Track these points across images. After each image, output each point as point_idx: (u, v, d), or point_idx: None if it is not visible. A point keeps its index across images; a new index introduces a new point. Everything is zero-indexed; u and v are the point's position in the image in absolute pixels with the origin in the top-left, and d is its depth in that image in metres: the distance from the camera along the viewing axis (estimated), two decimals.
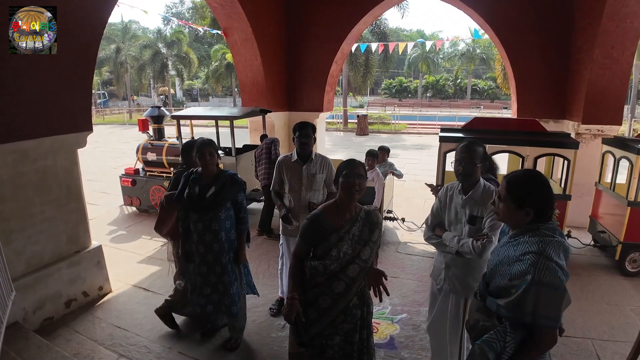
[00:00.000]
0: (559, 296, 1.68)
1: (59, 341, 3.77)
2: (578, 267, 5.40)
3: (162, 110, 7.87)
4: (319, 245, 2.34)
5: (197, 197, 3.35)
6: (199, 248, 3.43)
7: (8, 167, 3.74)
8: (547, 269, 1.67)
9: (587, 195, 6.32)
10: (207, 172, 3.40)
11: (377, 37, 24.97)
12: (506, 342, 1.76)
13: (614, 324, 4.13)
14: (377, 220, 2.45)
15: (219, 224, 3.40)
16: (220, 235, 3.39)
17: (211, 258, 3.42)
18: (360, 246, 2.33)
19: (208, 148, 3.34)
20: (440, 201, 2.95)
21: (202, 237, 3.39)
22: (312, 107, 8.98)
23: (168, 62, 37.74)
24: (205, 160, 3.34)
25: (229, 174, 3.46)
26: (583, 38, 6.52)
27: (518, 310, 1.72)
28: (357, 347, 2.41)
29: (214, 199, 3.34)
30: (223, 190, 3.37)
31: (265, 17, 8.03)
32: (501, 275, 1.85)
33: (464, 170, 2.71)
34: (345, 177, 2.30)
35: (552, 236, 1.78)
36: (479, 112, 32.60)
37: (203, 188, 3.37)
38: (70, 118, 4.20)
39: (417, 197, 8.81)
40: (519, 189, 1.88)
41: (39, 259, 4.08)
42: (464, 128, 6.01)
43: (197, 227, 3.40)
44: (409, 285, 4.90)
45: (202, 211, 3.37)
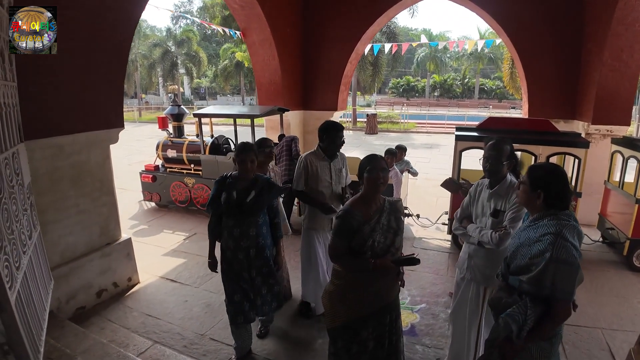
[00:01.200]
0: (573, 272, 1.90)
1: (93, 329, 3.92)
2: (588, 262, 5.54)
3: (182, 108, 8.08)
4: (354, 238, 2.47)
5: (235, 202, 3.21)
6: (237, 254, 3.28)
7: (45, 161, 3.90)
8: (564, 247, 1.90)
9: (596, 193, 6.45)
10: (245, 176, 3.28)
11: (386, 37, 25.07)
12: (527, 316, 1.97)
13: (622, 315, 4.30)
14: (401, 209, 2.65)
15: (257, 229, 3.30)
16: (258, 241, 3.30)
17: (247, 263, 3.31)
18: (391, 235, 2.51)
19: (250, 155, 3.22)
20: (470, 196, 3.13)
21: (238, 243, 3.25)
22: (326, 106, 9.15)
23: (177, 61, 38.01)
24: (245, 166, 3.22)
25: (265, 178, 3.38)
26: (593, 41, 6.65)
27: (538, 285, 1.94)
28: (389, 327, 2.60)
29: (255, 204, 3.23)
30: (262, 195, 3.26)
31: (283, 19, 8.21)
32: (522, 256, 2.06)
33: (490, 167, 2.88)
34: (369, 172, 2.46)
35: (567, 220, 2.01)
36: (488, 112, 32.60)
37: (240, 193, 3.23)
38: (103, 115, 4.37)
39: (429, 195, 8.99)
40: (534, 172, 2.16)
41: (73, 251, 4.25)
42: (478, 127, 6.17)
43: (234, 233, 3.25)
44: (426, 278, 5.08)
45: (241, 216, 3.24)
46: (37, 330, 2.53)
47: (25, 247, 2.59)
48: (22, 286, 2.33)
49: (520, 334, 1.98)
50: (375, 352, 2.58)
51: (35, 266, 2.82)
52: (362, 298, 2.52)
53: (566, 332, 3.92)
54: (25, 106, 3.22)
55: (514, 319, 1.98)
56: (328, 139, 3.83)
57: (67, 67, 3.91)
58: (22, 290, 2.32)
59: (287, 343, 3.84)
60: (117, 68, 4.45)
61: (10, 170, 2.52)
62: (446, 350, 3.55)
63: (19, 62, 2.95)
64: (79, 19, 3.87)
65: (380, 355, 2.59)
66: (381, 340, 2.59)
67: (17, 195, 2.60)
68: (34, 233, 2.95)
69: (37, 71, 3.61)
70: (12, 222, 2.37)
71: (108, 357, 3.16)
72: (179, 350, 3.61)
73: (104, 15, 4.11)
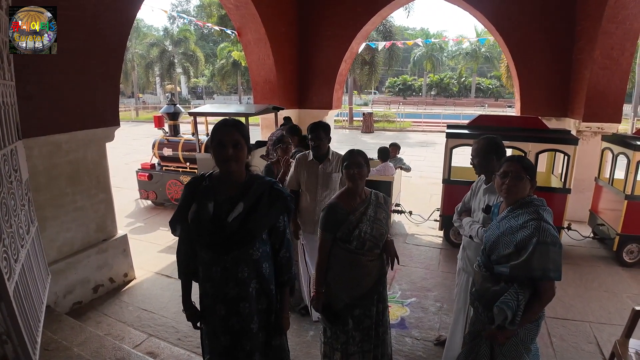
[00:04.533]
0: (558, 251, 2.04)
1: (89, 323, 3.99)
2: (578, 257, 5.66)
3: (178, 107, 8.16)
4: (341, 228, 2.57)
5: (210, 222, 1.98)
6: (217, 309, 2.07)
7: (43, 159, 3.97)
8: (547, 230, 2.04)
9: (587, 190, 6.55)
10: (229, 176, 2.03)
11: (382, 36, 25.15)
12: (519, 301, 2.07)
13: (611, 309, 4.39)
14: (384, 201, 2.75)
15: (251, 270, 2.05)
16: (252, 287, 2.06)
17: (238, 325, 2.08)
18: (378, 225, 2.61)
19: (231, 133, 1.96)
20: (471, 191, 3.23)
21: (221, 289, 2.04)
22: (321, 105, 9.25)
23: (175, 60, 38.03)
24: (224, 153, 1.94)
25: (267, 181, 2.12)
26: (584, 39, 6.75)
27: (529, 268, 2.05)
28: (375, 319, 2.68)
29: (244, 225, 1.98)
30: (259, 210, 2.01)
31: (278, 18, 8.29)
32: (505, 245, 2.16)
33: (477, 162, 2.99)
34: (346, 168, 2.59)
35: (542, 205, 2.16)
36: (484, 111, 32.76)
37: (221, 205, 2.01)
38: (100, 113, 4.44)
39: (423, 192, 9.09)
40: (530, 165, 2.29)
41: (70, 246, 4.32)
42: (469, 125, 6.26)
43: (213, 273, 2.04)
44: (417, 273, 5.16)
45: (221, 247, 2.00)
46: (35, 321, 2.60)
47: (23, 241, 2.66)
48: (20, 278, 2.40)
49: (514, 319, 2.07)
50: (362, 344, 2.66)
51: (33, 260, 2.89)
52: (341, 285, 2.62)
53: (554, 325, 4.03)
54: (24, 105, 3.28)
55: (508, 306, 2.07)
56: (310, 140, 3.77)
57: (64, 67, 3.96)
58: (20, 281, 2.39)
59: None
60: (113, 67, 4.52)
61: (9, 166, 2.59)
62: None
63: (17, 62, 3.01)
64: (77, 19, 3.94)
65: (367, 347, 2.67)
66: (368, 332, 2.67)
67: (16, 191, 2.67)
68: (31, 228, 3.01)
69: (34, 70, 3.67)
70: (11, 217, 2.44)
71: (104, 349, 3.23)
72: (173, 342, 3.68)
73: (101, 15, 4.17)
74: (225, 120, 2.04)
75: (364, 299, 2.62)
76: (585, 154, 6.80)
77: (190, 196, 2.06)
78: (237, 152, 1.95)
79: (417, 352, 3.64)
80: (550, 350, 3.67)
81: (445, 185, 5.93)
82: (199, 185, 2.07)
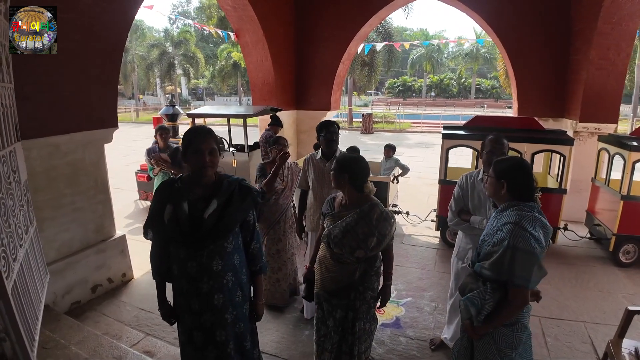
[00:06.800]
0: (530, 260, 2.01)
1: (88, 323, 4.02)
2: (574, 258, 5.68)
3: (177, 108, 8.21)
4: (325, 222, 2.75)
5: (188, 221, 2.11)
6: (191, 303, 2.19)
7: (42, 160, 4.00)
8: (521, 236, 2.02)
9: (584, 191, 6.57)
10: (203, 178, 2.17)
11: (381, 37, 25.21)
12: (485, 300, 2.11)
13: (606, 309, 4.41)
14: (376, 218, 2.55)
15: (225, 262, 2.19)
16: (226, 279, 2.20)
17: (210, 319, 2.20)
18: (350, 236, 2.55)
19: (206, 140, 2.12)
20: (461, 189, 3.27)
21: (196, 285, 2.16)
22: (319, 106, 9.28)
23: (175, 62, 38.11)
24: (202, 160, 2.10)
25: (236, 179, 2.29)
26: (580, 40, 6.78)
27: (497, 270, 2.08)
28: (341, 324, 2.75)
29: (218, 221, 2.13)
30: (232, 206, 2.17)
31: (276, 19, 8.34)
32: (487, 244, 2.21)
33: (489, 159, 3.03)
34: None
35: (529, 212, 2.13)
36: (483, 111, 32.82)
37: (195, 204, 2.15)
38: (98, 115, 4.47)
39: (421, 193, 9.13)
40: (499, 165, 2.30)
41: (69, 247, 4.36)
42: (465, 126, 6.30)
43: (188, 269, 2.15)
44: (412, 273, 5.21)
45: (197, 243, 2.12)
46: (33, 320, 2.64)
47: (22, 241, 2.70)
48: (19, 276, 2.44)
49: (478, 316, 2.12)
50: (324, 339, 2.81)
51: (32, 259, 2.93)
52: (324, 276, 2.74)
53: (548, 325, 4.05)
54: (22, 106, 3.31)
55: (473, 302, 2.13)
56: (322, 139, 3.87)
57: (62, 69, 4.00)
58: (19, 280, 2.42)
59: (277, 335, 3.93)
60: (111, 69, 4.55)
61: (8, 167, 2.63)
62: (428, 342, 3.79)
63: (15, 64, 3.04)
64: (74, 21, 3.97)
65: (327, 345, 2.80)
66: (330, 332, 2.78)
67: (14, 192, 2.70)
68: (30, 228, 3.05)
69: (33, 72, 3.71)
70: (9, 217, 2.48)
71: (101, 347, 3.27)
72: (170, 342, 3.71)
73: (98, 17, 4.21)
74: (197, 127, 2.20)
75: (332, 296, 2.71)
76: (582, 154, 6.84)
77: (162, 199, 2.20)
78: (212, 158, 2.13)
79: (412, 352, 3.67)
80: (544, 350, 3.69)
81: (441, 186, 5.96)
82: (171, 188, 2.22)
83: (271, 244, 4.24)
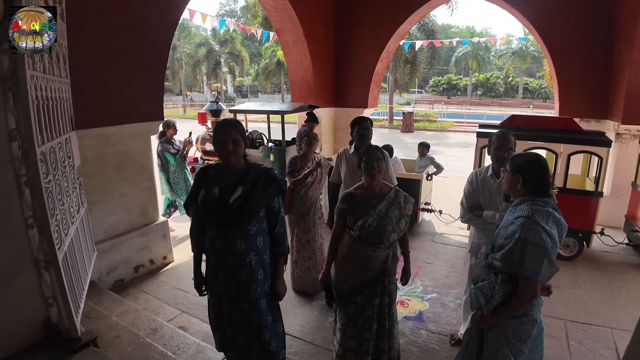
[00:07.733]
0: (540, 254, 2.06)
1: (129, 298, 4.37)
2: (609, 264, 5.50)
3: (220, 105, 8.56)
4: (348, 216, 2.78)
5: (216, 203, 2.37)
6: (218, 275, 2.48)
7: (93, 149, 4.36)
8: (532, 230, 2.07)
9: (625, 195, 6.33)
10: (230, 166, 2.43)
11: (425, 34, 24.90)
12: (495, 291, 2.18)
13: (636, 317, 4.25)
14: (404, 201, 2.82)
15: (248, 242, 2.43)
16: (250, 258, 2.44)
17: (235, 290, 2.47)
18: (386, 222, 2.71)
19: (230, 132, 2.37)
20: (472, 185, 3.34)
21: (222, 260, 2.44)
22: (357, 104, 9.40)
23: (221, 60, 39.12)
24: (225, 149, 2.36)
25: (263, 168, 2.50)
26: (624, 39, 6.53)
27: (507, 262, 2.14)
28: (379, 311, 2.84)
29: (242, 206, 2.36)
30: (255, 193, 2.40)
31: (316, 19, 8.53)
32: (500, 236, 2.28)
33: (508, 156, 3.03)
34: (365, 162, 2.75)
35: (543, 206, 2.17)
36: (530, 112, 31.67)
37: (225, 189, 2.40)
38: (145, 108, 4.83)
39: (457, 193, 8.92)
40: (516, 160, 2.36)
41: (115, 229, 4.72)
42: (501, 125, 6.26)
43: (216, 245, 2.44)
44: (440, 271, 5.24)
45: (223, 224, 2.39)
46: (80, 290, 2.95)
47: (73, 219, 3.03)
48: (69, 250, 2.76)
49: (487, 306, 2.20)
50: (362, 330, 2.83)
51: (81, 236, 3.26)
52: (346, 269, 2.81)
53: (574, 329, 4.00)
54: (77, 100, 3.65)
55: (482, 292, 2.21)
56: (355, 134, 4.04)
57: (112, 66, 4.37)
58: (69, 253, 2.74)
59: (302, 319, 4.11)
60: (157, 67, 4.89)
61: (63, 153, 2.97)
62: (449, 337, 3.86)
63: (71, 61, 3.40)
64: (124, 23, 4.34)
65: (366, 335, 2.83)
66: (369, 321, 2.82)
67: (68, 175, 3.04)
68: (81, 209, 3.40)
69: (87, 70, 4.08)
70: (64, 196, 2.81)
71: (139, 320, 3.58)
72: (203, 320, 3.93)
73: (144, 18, 4.56)
74: (225, 120, 2.52)
75: (366, 287, 2.77)
76: (624, 157, 6.59)
77: (199, 183, 2.48)
78: (235, 147, 2.37)
79: (431, 345, 3.75)
80: (566, 352, 3.66)
81: None
82: (206, 173, 2.49)
83: (302, 234, 4.44)
